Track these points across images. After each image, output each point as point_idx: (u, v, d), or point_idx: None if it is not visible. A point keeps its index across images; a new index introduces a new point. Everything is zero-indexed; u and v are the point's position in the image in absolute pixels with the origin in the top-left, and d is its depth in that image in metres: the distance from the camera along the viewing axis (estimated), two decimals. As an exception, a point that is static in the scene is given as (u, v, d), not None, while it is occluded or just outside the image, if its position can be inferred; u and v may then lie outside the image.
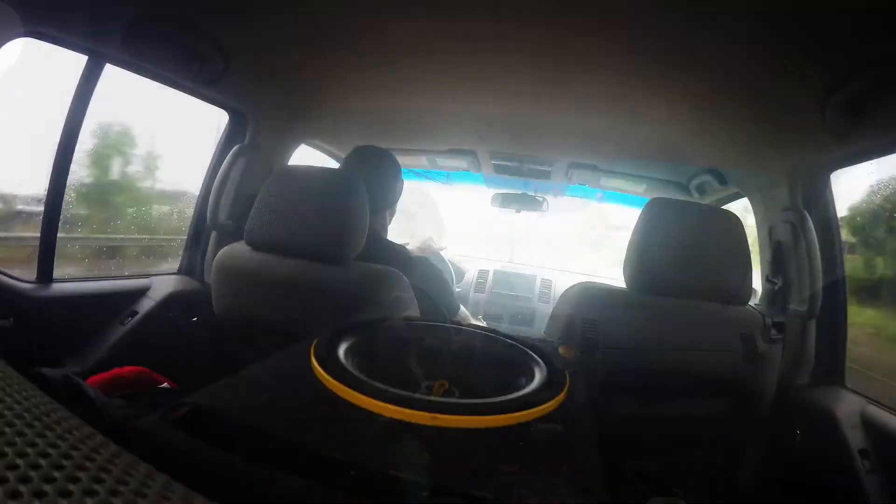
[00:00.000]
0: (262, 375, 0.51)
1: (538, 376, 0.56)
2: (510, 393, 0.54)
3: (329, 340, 0.58)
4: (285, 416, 0.43)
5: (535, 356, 0.62)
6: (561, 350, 0.70)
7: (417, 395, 0.48)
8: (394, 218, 1.52)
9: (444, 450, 0.40)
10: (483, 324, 1.69)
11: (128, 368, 1.11)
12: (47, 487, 0.17)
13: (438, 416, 0.43)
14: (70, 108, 1.18)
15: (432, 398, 0.52)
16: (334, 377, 0.48)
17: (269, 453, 0.38)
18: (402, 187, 1.46)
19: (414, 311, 1.14)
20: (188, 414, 0.41)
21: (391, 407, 0.44)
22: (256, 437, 0.39)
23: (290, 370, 0.53)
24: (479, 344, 0.68)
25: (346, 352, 0.57)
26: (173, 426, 0.29)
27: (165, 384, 1.11)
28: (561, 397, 0.51)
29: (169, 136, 1.90)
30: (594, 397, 0.58)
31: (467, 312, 1.46)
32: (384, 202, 1.37)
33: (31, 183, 1.37)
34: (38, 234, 1.22)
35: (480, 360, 0.65)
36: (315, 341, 0.57)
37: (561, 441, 0.44)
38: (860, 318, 1.70)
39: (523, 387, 0.54)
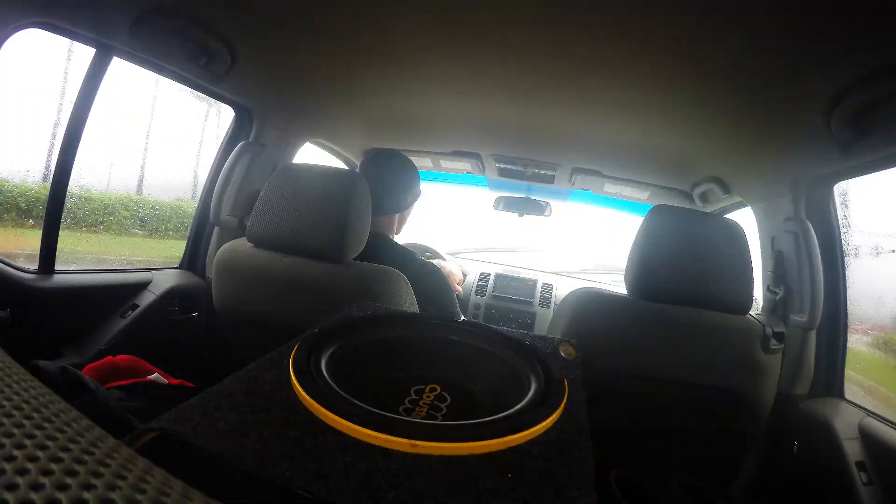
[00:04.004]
0: (237, 391, 0.47)
1: (534, 385, 0.53)
2: (505, 399, 0.51)
3: (311, 344, 0.55)
4: (256, 443, 0.39)
5: (533, 359, 0.58)
6: (561, 349, 0.66)
7: (398, 417, 0.44)
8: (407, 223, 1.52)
9: (424, 484, 0.37)
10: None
11: (121, 357, 1.12)
12: (44, 480, 0.17)
13: (419, 443, 0.40)
14: (76, 100, 1.18)
15: (413, 420, 0.48)
16: (310, 394, 0.45)
17: (236, 488, 0.36)
18: (418, 192, 1.45)
19: (413, 309, 1.14)
20: (153, 442, 0.38)
21: (368, 431, 0.41)
22: (224, 469, 0.37)
23: (267, 382, 0.49)
24: (474, 343, 0.64)
25: (330, 357, 0.54)
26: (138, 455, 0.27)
27: (157, 374, 1.12)
28: (557, 414, 0.47)
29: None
30: (591, 403, 0.54)
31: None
32: (395, 205, 1.37)
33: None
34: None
35: (475, 360, 0.62)
36: (297, 346, 0.54)
37: (554, 472, 0.40)
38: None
39: (518, 396, 0.51)
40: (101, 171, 1.78)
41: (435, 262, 1.85)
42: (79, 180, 1.47)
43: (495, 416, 0.46)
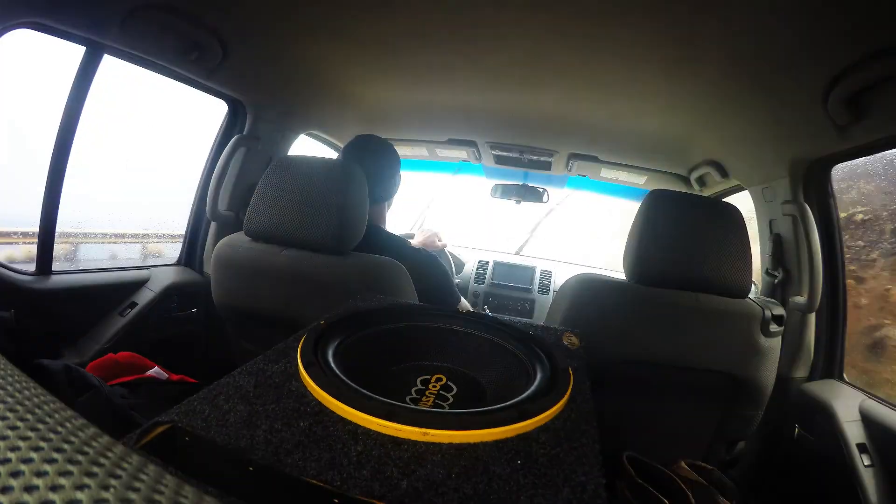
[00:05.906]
0: (245, 383, 0.48)
1: (540, 375, 0.53)
2: (510, 388, 0.51)
3: (318, 336, 0.55)
4: (267, 434, 0.40)
5: (537, 349, 0.58)
6: (565, 339, 0.67)
7: (407, 406, 0.45)
8: (393, 208, 1.50)
9: (436, 471, 0.37)
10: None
11: (121, 354, 1.13)
12: (38, 481, 0.17)
13: (429, 431, 0.41)
14: (68, 99, 1.17)
15: (423, 409, 0.48)
16: (320, 385, 0.45)
17: (248, 480, 0.36)
18: (400, 179, 1.45)
19: (412, 300, 1.14)
20: (162, 436, 0.38)
21: (379, 421, 0.41)
22: (235, 460, 0.37)
23: (275, 374, 0.50)
24: (479, 333, 0.64)
25: (337, 348, 0.55)
26: (146, 452, 0.25)
27: (156, 367, 1.12)
28: (563, 402, 0.48)
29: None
30: (591, 388, 0.55)
31: (468, 304, 1.46)
32: (383, 194, 1.36)
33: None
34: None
35: (480, 350, 0.62)
36: (304, 337, 0.54)
37: (562, 458, 0.41)
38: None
39: (524, 385, 0.51)
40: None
41: (415, 241, 1.85)
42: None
43: (503, 404, 0.47)
